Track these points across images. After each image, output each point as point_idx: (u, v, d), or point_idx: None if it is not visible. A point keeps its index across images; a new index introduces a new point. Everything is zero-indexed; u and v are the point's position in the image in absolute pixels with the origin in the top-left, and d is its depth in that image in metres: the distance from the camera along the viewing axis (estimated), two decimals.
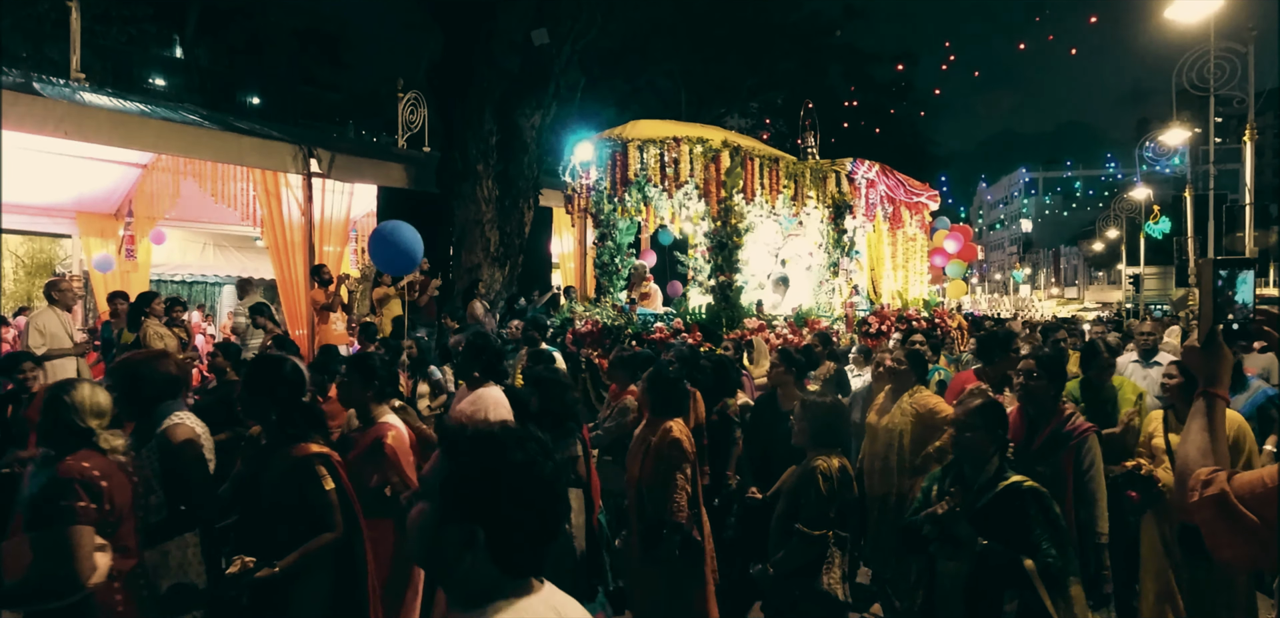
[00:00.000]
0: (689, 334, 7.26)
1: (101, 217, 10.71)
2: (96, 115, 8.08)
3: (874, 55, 30.92)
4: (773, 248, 9.77)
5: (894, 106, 32.31)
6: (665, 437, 3.50)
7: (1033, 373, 3.48)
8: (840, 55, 28.69)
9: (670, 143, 7.72)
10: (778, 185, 8.17)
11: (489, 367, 3.91)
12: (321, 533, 2.57)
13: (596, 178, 8.28)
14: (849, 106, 28.63)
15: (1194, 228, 18.57)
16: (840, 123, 27.82)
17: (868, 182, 9.08)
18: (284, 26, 20.70)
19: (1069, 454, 3.34)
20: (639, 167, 7.80)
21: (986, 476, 2.74)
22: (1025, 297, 49.66)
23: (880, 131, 29.69)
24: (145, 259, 10.86)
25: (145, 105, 9.89)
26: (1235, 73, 14.42)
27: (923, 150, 37.43)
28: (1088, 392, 4.51)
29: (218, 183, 9.31)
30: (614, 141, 7.95)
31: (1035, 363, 3.51)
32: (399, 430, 3.24)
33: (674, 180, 7.81)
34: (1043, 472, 3.12)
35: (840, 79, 29.24)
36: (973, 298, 56.66)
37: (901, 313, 8.79)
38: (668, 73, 22.48)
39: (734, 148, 7.82)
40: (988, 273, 65.22)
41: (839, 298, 8.69)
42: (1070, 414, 3.37)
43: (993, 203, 72.65)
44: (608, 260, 8.93)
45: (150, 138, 8.62)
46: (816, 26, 26.56)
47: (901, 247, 10.20)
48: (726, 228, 7.91)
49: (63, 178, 9.41)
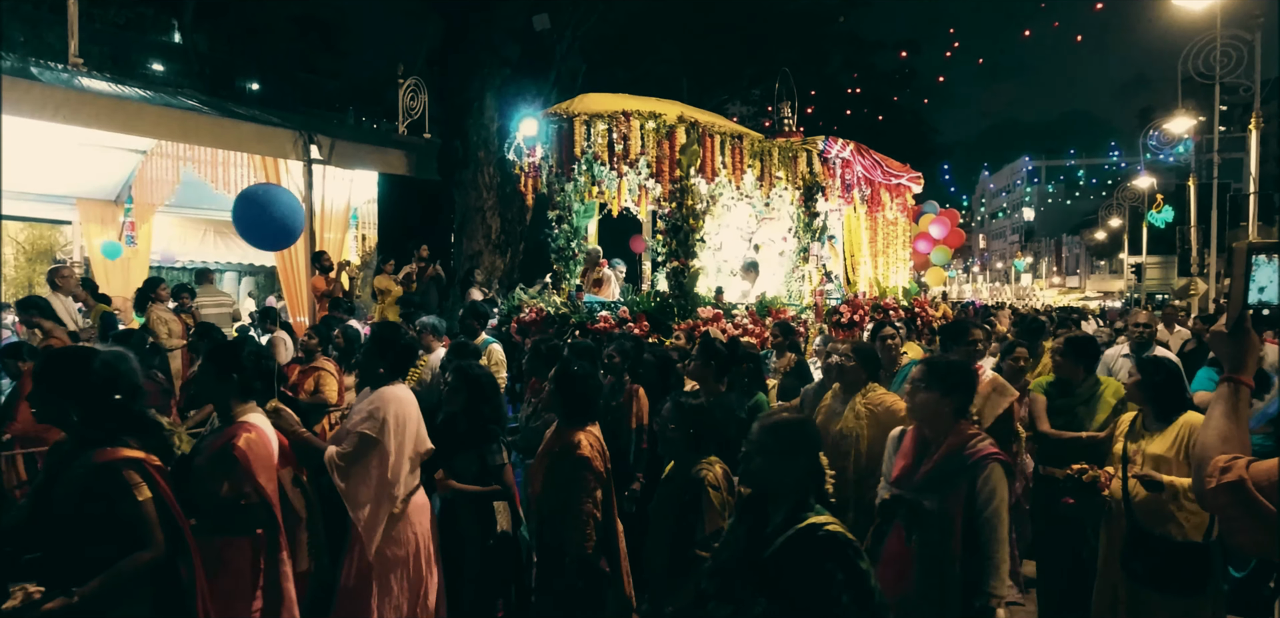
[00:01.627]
0: (636, 325, 6.84)
1: (102, 203, 10.68)
2: (95, 101, 8.04)
3: (877, 43, 30.74)
4: (745, 232, 9.37)
5: (897, 94, 32.16)
6: (570, 453, 3.06)
7: (921, 381, 2.71)
8: (842, 43, 28.51)
9: (619, 118, 7.16)
10: (741, 164, 7.64)
11: (396, 363, 3.46)
12: (136, 552, 2.17)
13: (542, 155, 7.77)
14: (851, 94, 28.50)
15: (1197, 217, 18.51)
16: (842, 110, 27.70)
17: (843, 161, 8.44)
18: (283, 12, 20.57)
19: (962, 488, 2.58)
20: (585, 143, 7.27)
21: (782, 515, 2.04)
22: (1027, 286, 49.62)
23: (882, 119, 29.56)
24: (146, 246, 10.84)
25: (144, 91, 9.85)
26: (1241, 60, 14.34)
27: (925, 139, 37.28)
28: (1059, 391, 4.09)
29: (218, 169, 9.29)
30: (560, 117, 7.45)
31: (925, 368, 2.75)
32: (258, 434, 2.80)
33: (623, 158, 7.25)
34: (931, 509, 2.57)
35: (842, 67, 29.08)
36: (974, 287, 56.71)
37: (877, 302, 8.39)
38: (668, 60, 22.36)
39: (691, 123, 7.28)
40: (989, 262, 65.13)
41: (809, 286, 8.23)
42: (972, 436, 2.64)
43: (995, 191, 72.47)
44: (563, 244, 8.47)
45: (149, 124, 8.59)
46: (818, 14, 26.40)
47: (881, 231, 9.60)
48: (681, 210, 7.36)
49: (62, 164, 9.37)
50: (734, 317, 7.26)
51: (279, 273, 10.36)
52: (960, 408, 2.69)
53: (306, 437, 3.33)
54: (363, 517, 3.18)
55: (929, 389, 2.68)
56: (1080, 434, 3.88)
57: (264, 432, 2.85)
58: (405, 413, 3.32)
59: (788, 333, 5.87)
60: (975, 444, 2.61)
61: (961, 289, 56.84)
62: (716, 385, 4.23)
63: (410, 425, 3.33)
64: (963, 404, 2.70)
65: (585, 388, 3.27)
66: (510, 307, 7.98)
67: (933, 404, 2.67)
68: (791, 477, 2.07)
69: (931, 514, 2.57)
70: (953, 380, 2.68)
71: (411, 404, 3.39)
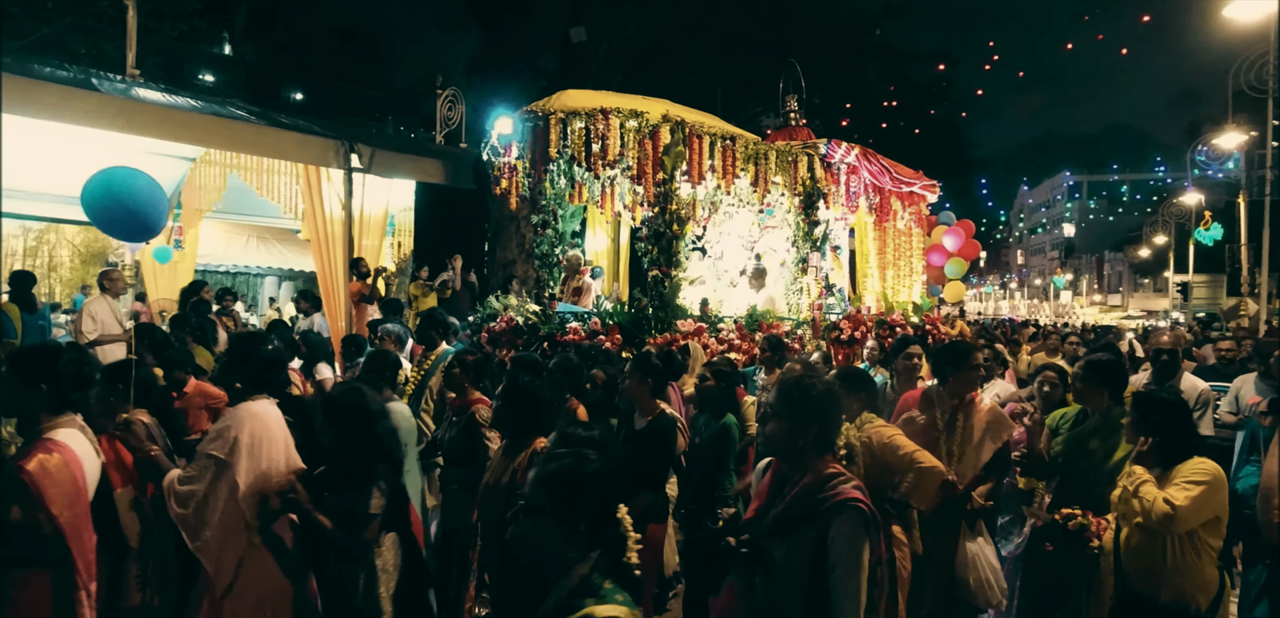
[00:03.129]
0: (608, 337, 6.40)
1: None
2: (149, 110, 8.35)
3: (913, 54, 30.50)
4: (747, 240, 8.93)
5: (933, 107, 31.77)
6: (516, 472, 2.86)
7: (772, 407, 2.27)
8: (878, 54, 28.32)
9: (597, 116, 6.75)
10: (733, 168, 7.15)
11: (256, 377, 3.02)
12: None
13: (517, 155, 7.37)
14: (887, 106, 28.24)
15: (1248, 235, 17.91)
16: (877, 123, 27.46)
17: (848, 167, 7.91)
18: (326, 24, 21.18)
19: (812, 537, 2.13)
20: (561, 143, 6.86)
21: (563, 593, 1.62)
22: (1066, 303, 48.42)
23: (919, 132, 29.22)
24: (192, 250, 11.18)
25: (195, 100, 10.19)
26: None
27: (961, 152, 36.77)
28: (1070, 429, 3.61)
29: (262, 177, 9.55)
30: (535, 115, 7.08)
31: (777, 392, 2.29)
32: (62, 455, 2.48)
33: (600, 159, 6.82)
34: (781, 560, 2.15)
35: (878, 78, 28.86)
36: (1011, 303, 55.49)
37: (882, 317, 7.88)
38: (702, 71, 22.44)
39: (676, 122, 6.84)
40: (1027, 278, 63.72)
41: (807, 298, 7.75)
42: (832, 476, 2.17)
43: (1034, 207, 70.94)
44: (546, 250, 8.04)
45: (200, 132, 8.88)
46: (854, 25, 26.26)
47: (892, 242, 9.04)
48: (665, 215, 6.88)
49: None
50: (720, 331, 6.88)
51: (318, 278, 10.61)
52: (820, 440, 2.21)
53: (155, 455, 2.99)
54: (207, 550, 2.76)
55: (780, 418, 2.21)
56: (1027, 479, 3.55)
57: (72, 451, 2.54)
58: (264, 433, 2.90)
59: (777, 349, 5.49)
60: (835, 486, 2.14)
61: (998, 306, 55.71)
62: (652, 403, 3.83)
63: (270, 448, 2.90)
64: (824, 436, 2.22)
65: (533, 401, 2.97)
66: (483, 316, 7.60)
67: (784, 436, 2.20)
68: (572, 546, 1.63)
69: (777, 566, 2.15)
70: (808, 408, 2.19)
71: (274, 423, 2.98)
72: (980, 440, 3.55)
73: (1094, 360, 3.68)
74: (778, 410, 2.23)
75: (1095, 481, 3.33)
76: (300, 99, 21.63)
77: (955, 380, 3.70)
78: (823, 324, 7.38)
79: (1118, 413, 3.44)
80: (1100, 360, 3.68)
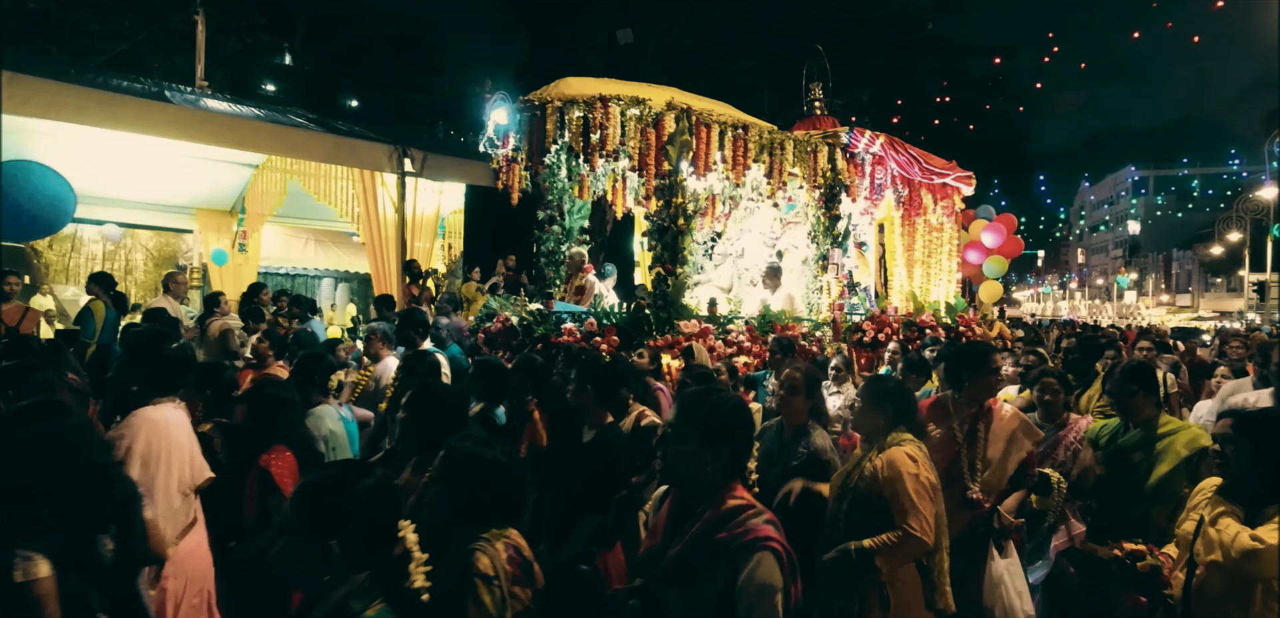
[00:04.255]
0: (604, 339, 6.00)
1: (218, 213, 11.56)
2: (216, 120, 8.74)
3: (968, 48, 29.65)
4: (768, 237, 8.50)
5: (989, 102, 30.86)
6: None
7: (673, 425, 1.89)
8: (931, 49, 27.65)
9: (596, 104, 6.25)
10: (745, 158, 6.65)
11: (156, 378, 2.72)
12: None
13: (514, 145, 6.94)
14: (940, 103, 27.56)
15: None
16: (930, 119, 26.81)
17: (874, 157, 7.36)
18: (381, 33, 21.81)
19: (718, 582, 1.75)
20: (557, 133, 6.41)
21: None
22: (1130, 303, 46.41)
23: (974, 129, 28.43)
24: (255, 253, 11.65)
25: (258, 110, 10.62)
26: None
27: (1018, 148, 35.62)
28: (1109, 444, 3.28)
29: (320, 182, 9.90)
30: (531, 104, 6.66)
31: (677, 408, 1.92)
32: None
33: (598, 149, 6.33)
34: (679, 612, 1.78)
35: (930, 75, 28.19)
36: (1071, 304, 53.45)
37: (910, 318, 7.42)
38: (750, 70, 22.29)
39: (682, 110, 6.36)
40: (1089, 278, 61.32)
41: (827, 298, 7.27)
42: (741, 509, 1.79)
43: (1096, 203, 68.20)
44: (552, 248, 7.64)
45: (263, 140, 9.25)
46: (906, 21, 25.71)
47: (922, 238, 8.43)
48: (669, 209, 6.41)
49: (186, 178, 10.21)
50: (729, 332, 6.42)
51: (372, 279, 10.92)
52: (731, 465, 1.84)
53: None
54: None
55: (682, 439, 1.84)
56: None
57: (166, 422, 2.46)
58: (164, 439, 2.67)
59: (787, 351, 5.08)
60: (745, 521, 1.78)
61: (1058, 306, 53.73)
62: (600, 414, 3.41)
63: (170, 454, 2.69)
64: (735, 460, 1.85)
65: (449, 414, 2.60)
66: (481, 316, 7.36)
67: (686, 460, 1.84)
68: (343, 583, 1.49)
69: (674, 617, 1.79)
70: (717, 425, 1.83)
71: (176, 428, 2.74)
72: (1005, 452, 3.25)
73: (1134, 365, 3.39)
74: (678, 430, 1.85)
75: (1136, 500, 3.04)
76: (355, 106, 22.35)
77: (972, 387, 3.36)
78: (844, 325, 7.02)
79: (1163, 422, 3.17)
80: (1141, 365, 3.41)
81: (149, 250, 12.45)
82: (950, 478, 3.24)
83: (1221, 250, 36.21)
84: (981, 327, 8.47)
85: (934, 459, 3.12)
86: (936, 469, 3.09)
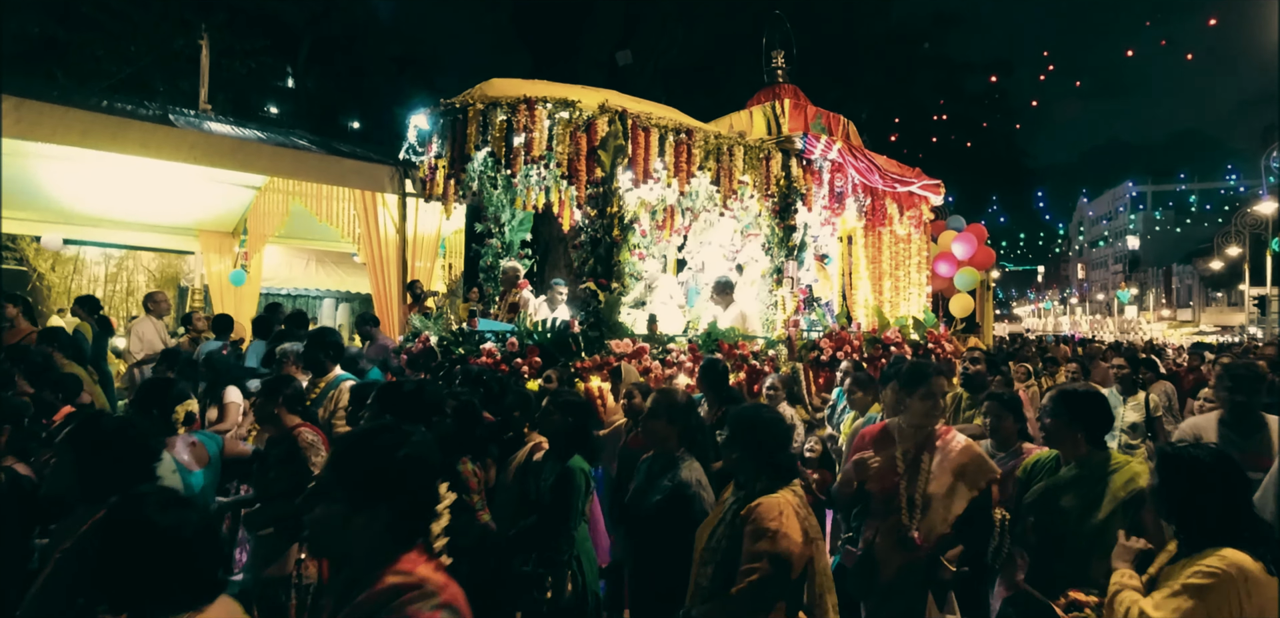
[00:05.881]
0: (526, 360, 5.58)
1: (220, 234, 11.62)
2: (220, 142, 8.81)
3: (965, 65, 29.87)
4: (729, 250, 8.13)
5: (987, 119, 31.03)
6: None
7: (322, 480, 1.55)
8: (929, 65, 27.85)
9: (520, 106, 5.80)
10: (689, 164, 6.26)
11: None
12: None
13: (437, 153, 6.45)
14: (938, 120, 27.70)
15: None
16: (929, 136, 26.94)
17: (832, 164, 7.00)
18: (384, 54, 21.96)
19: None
20: (480, 137, 5.93)
21: None
22: (1131, 318, 46.39)
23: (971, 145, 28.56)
24: (257, 274, 11.70)
25: (261, 132, 10.70)
26: None
27: (1016, 163, 35.74)
28: (1041, 481, 2.84)
29: (322, 202, 9.95)
30: (453, 108, 6.20)
31: (330, 463, 1.56)
32: None
33: (522, 154, 5.87)
34: None
35: (929, 91, 28.37)
36: (1073, 319, 53.41)
37: (875, 334, 7.00)
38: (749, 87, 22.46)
39: (617, 112, 5.95)
40: (1089, 292, 61.35)
41: (782, 314, 6.88)
42: (401, 589, 1.40)
43: (1095, 218, 68.34)
44: (491, 262, 7.25)
45: (265, 162, 9.32)
46: (904, 37, 25.91)
47: (888, 251, 8.04)
48: (602, 219, 5.97)
49: (189, 199, 10.28)
50: (669, 352, 5.97)
51: (374, 299, 10.96)
52: (396, 526, 1.46)
53: None
54: None
55: (329, 497, 1.46)
56: None
57: None
58: None
59: (714, 379, 4.71)
60: (404, 605, 1.37)
61: (1058, 321, 53.69)
62: None
63: None
64: (399, 520, 1.46)
65: (125, 454, 2.21)
66: (408, 336, 6.98)
67: (334, 523, 1.45)
68: None
69: None
70: (376, 479, 1.46)
71: None
72: (951, 488, 2.81)
73: (1067, 391, 2.88)
74: (323, 486, 1.49)
75: (1075, 548, 2.60)
76: (358, 127, 22.47)
77: (914, 409, 2.94)
78: (799, 343, 6.62)
79: (1099, 460, 2.72)
80: (1075, 390, 2.88)
81: (151, 272, 12.51)
82: (888, 512, 2.90)
83: (1221, 265, 36.26)
84: (953, 344, 8.08)
85: (874, 489, 2.92)
86: (876, 499, 2.90)
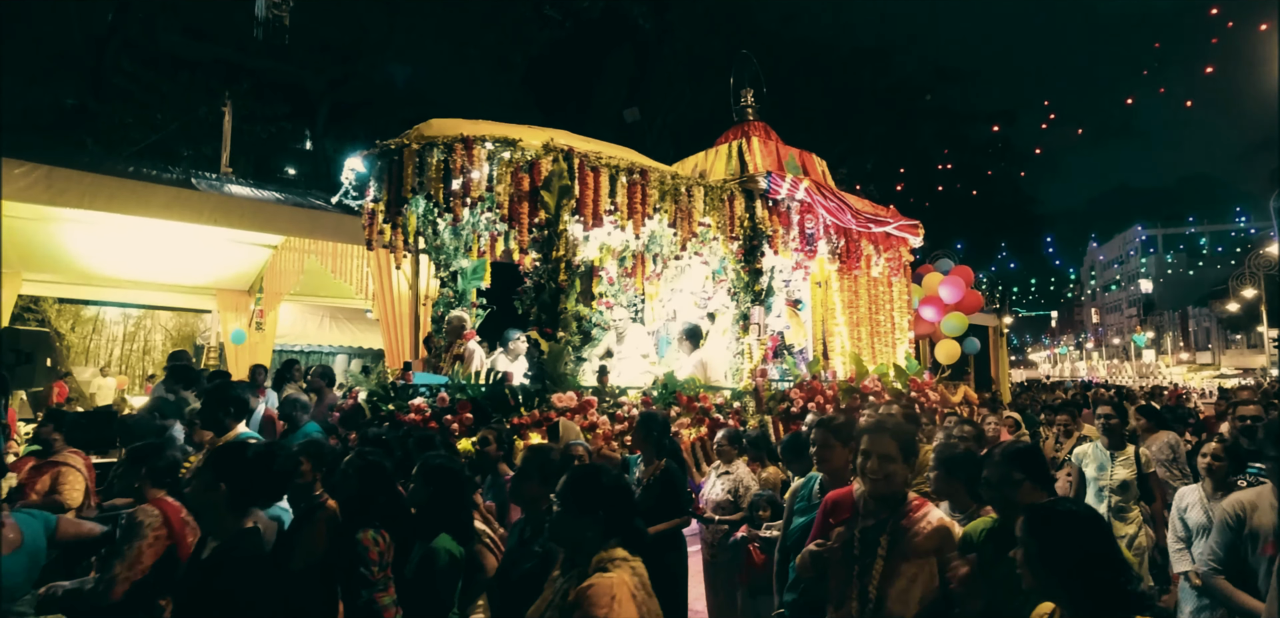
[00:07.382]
0: (457, 416, 5.15)
1: (236, 292, 11.83)
2: (240, 204, 9.07)
3: (968, 116, 30.29)
4: (701, 297, 7.82)
5: (992, 167, 31.32)
6: None
7: None
8: (932, 117, 28.27)
9: (457, 145, 5.49)
10: (643, 207, 5.89)
11: None
12: None
13: (374, 197, 6.09)
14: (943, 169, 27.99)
15: None
16: (934, 185, 27.19)
17: (801, 205, 6.69)
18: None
19: None
20: (416, 180, 5.55)
21: None
22: (1149, 362, 45.79)
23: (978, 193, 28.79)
24: (271, 330, 11.85)
25: (279, 193, 10.98)
26: None
27: (1023, 210, 35.91)
28: (985, 548, 2.33)
29: (336, 260, 10.14)
30: (389, 149, 5.89)
31: None
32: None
33: (460, 197, 5.54)
34: None
35: (933, 141, 28.74)
36: (1089, 364, 52.76)
37: (851, 384, 6.57)
38: None
39: (562, 151, 5.65)
40: (1104, 337, 60.74)
41: (748, 363, 6.50)
42: None
43: (1106, 262, 68.06)
44: (443, 311, 6.97)
45: (283, 222, 9.56)
46: (907, 90, 26.38)
47: (865, 295, 7.61)
48: (546, 265, 5.63)
49: (207, 258, 10.52)
50: (621, 406, 5.54)
51: (386, 354, 11.06)
52: None
53: None
54: None
55: None
56: None
57: None
58: None
59: (653, 432, 4.11)
60: None
61: (1075, 366, 53.08)
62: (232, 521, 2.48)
63: None
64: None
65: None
66: (345, 391, 6.74)
67: None
68: None
69: None
70: None
71: None
72: (912, 580, 2.31)
73: (1017, 448, 2.42)
74: None
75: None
76: None
77: (866, 470, 2.39)
78: (767, 394, 6.21)
79: (998, 525, 2.33)
80: (1028, 448, 2.44)
81: (168, 331, 12.70)
82: (841, 601, 2.43)
83: (1237, 307, 35.92)
84: (939, 391, 7.69)
85: (835, 575, 2.46)
86: (833, 584, 2.43)
